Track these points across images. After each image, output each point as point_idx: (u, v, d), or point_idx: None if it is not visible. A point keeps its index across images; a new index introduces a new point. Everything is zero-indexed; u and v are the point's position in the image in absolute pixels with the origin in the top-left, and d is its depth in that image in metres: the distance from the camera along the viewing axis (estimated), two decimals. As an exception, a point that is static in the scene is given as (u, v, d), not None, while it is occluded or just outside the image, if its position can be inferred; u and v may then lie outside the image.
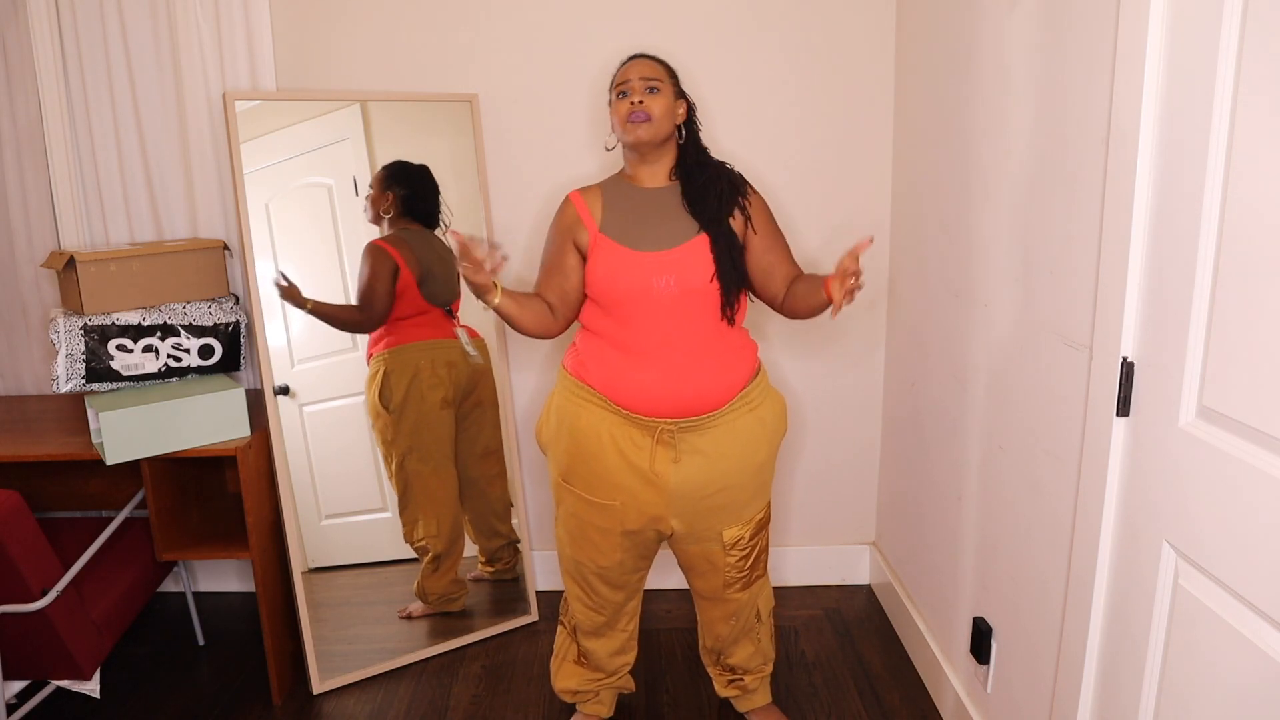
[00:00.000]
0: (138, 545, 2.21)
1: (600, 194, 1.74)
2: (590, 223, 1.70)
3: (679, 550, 1.82)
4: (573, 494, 1.74)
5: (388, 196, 2.21)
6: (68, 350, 2.01)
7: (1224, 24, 1.03)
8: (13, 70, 2.29)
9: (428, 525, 2.32)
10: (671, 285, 1.61)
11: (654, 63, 1.70)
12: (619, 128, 1.68)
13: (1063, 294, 1.44)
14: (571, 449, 1.71)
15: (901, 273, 2.34)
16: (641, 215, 1.68)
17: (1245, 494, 1.02)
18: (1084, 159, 1.36)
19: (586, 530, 1.75)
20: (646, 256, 1.63)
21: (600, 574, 1.79)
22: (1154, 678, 1.22)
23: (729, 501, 1.72)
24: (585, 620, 1.88)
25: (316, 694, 2.17)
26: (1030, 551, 1.60)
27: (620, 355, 1.65)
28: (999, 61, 1.66)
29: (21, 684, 1.95)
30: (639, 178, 1.73)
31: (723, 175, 1.72)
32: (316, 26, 2.30)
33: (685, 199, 1.68)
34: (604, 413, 1.67)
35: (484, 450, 2.41)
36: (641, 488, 1.67)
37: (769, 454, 1.75)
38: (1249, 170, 1.00)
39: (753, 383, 1.71)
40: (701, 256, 1.63)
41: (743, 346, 1.71)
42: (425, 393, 2.26)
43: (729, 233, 1.66)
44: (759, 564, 1.83)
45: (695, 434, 1.65)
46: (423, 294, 2.22)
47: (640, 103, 1.64)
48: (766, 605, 1.92)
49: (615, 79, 1.70)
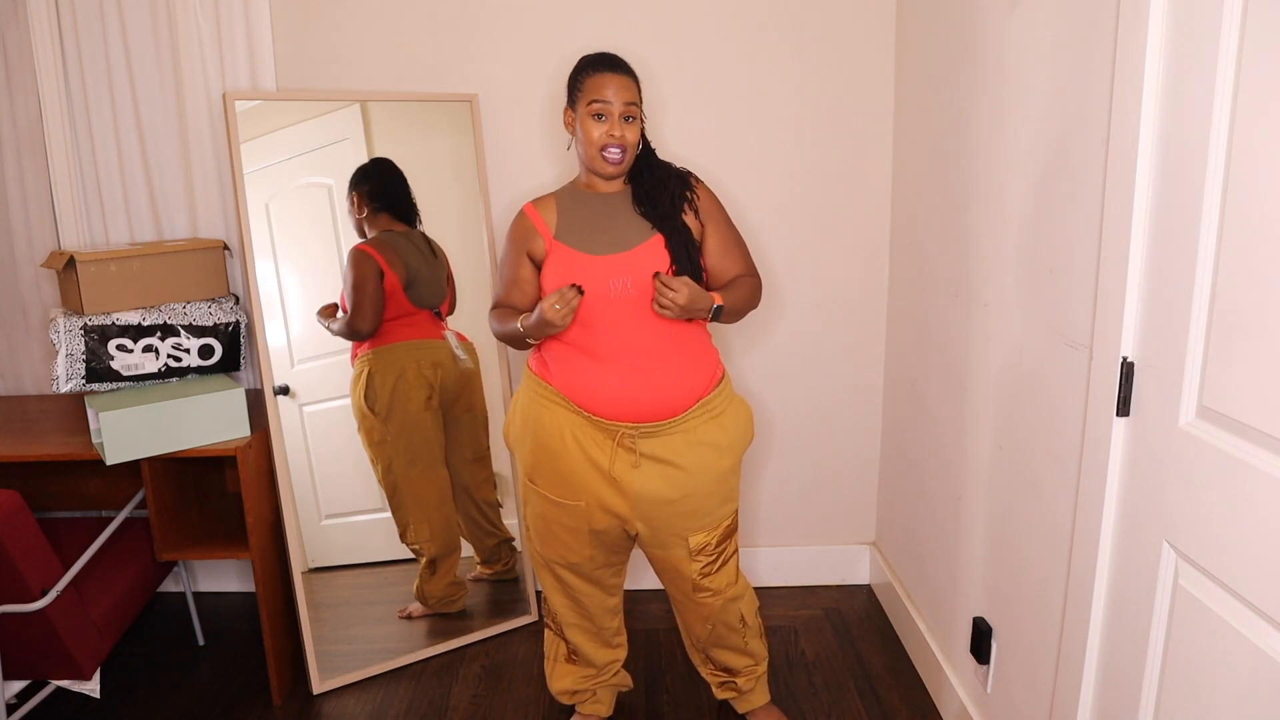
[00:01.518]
0: (138, 545, 2.21)
1: (555, 203, 1.75)
2: (545, 231, 1.71)
3: (647, 554, 1.82)
4: (538, 494, 1.74)
5: (354, 198, 2.20)
6: (68, 350, 2.01)
7: (1224, 24, 1.03)
8: (13, 70, 2.29)
9: (419, 530, 2.32)
10: (628, 287, 1.62)
11: (629, 80, 1.66)
12: (588, 153, 1.67)
13: (1063, 294, 1.44)
14: (536, 449, 1.71)
15: (901, 273, 2.34)
16: (596, 220, 1.70)
17: (1245, 494, 1.02)
18: (1084, 159, 1.36)
19: (554, 529, 1.76)
20: (602, 260, 1.65)
21: (572, 568, 1.80)
22: (1154, 678, 1.22)
23: (692, 508, 1.72)
24: (565, 612, 1.88)
25: (316, 694, 2.17)
26: (1030, 551, 1.60)
27: (582, 358, 1.66)
28: (999, 61, 1.66)
29: (21, 684, 1.95)
30: (594, 184, 1.74)
31: (671, 174, 1.74)
32: (316, 26, 2.30)
33: (636, 202, 1.70)
34: (567, 413, 1.67)
35: (474, 455, 2.40)
36: (604, 488, 1.68)
37: (732, 462, 1.75)
38: (1249, 170, 1.00)
39: (715, 390, 1.71)
40: (657, 257, 1.65)
41: (704, 353, 1.72)
42: (411, 394, 2.24)
43: (684, 231, 1.68)
44: (728, 569, 1.82)
45: (655, 439, 1.66)
46: (409, 297, 2.21)
47: (620, 136, 1.64)
48: (750, 609, 1.90)
49: (584, 85, 1.66)
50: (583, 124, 1.66)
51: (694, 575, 1.78)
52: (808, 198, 2.39)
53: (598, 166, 1.68)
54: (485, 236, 2.36)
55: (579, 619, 1.89)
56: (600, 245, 1.67)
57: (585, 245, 1.67)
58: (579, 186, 1.77)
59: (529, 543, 1.84)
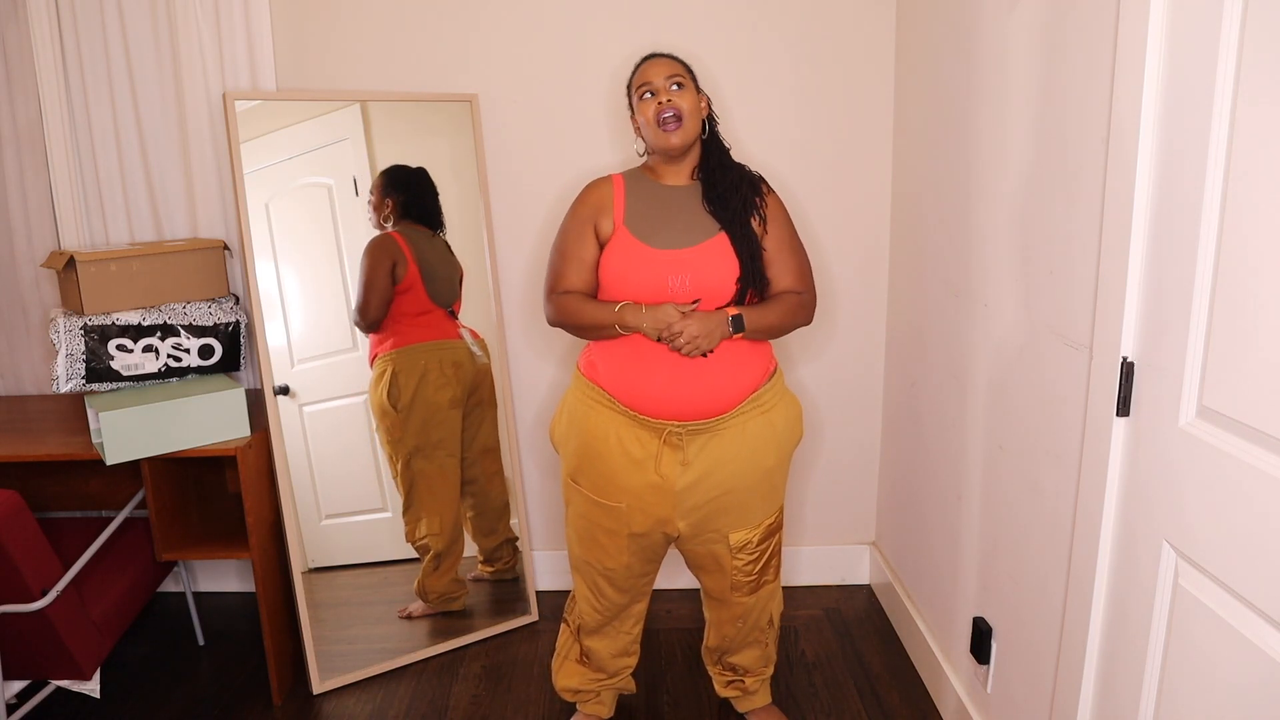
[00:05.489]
0: (138, 545, 2.21)
1: (624, 184, 1.71)
2: (620, 210, 1.67)
3: (687, 550, 1.81)
4: (581, 494, 1.74)
5: (388, 203, 2.21)
6: (68, 350, 2.01)
7: (1224, 24, 1.03)
8: (13, 70, 2.29)
9: (430, 523, 2.33)
10: (686, 284, 1.60)
11: (672, 60, 1.67)
12: (650, 132, 1.65)
13: (1063, 294, 1.44)
14: (580, 449, 1.71)
15: (901, 272, 2.34)
16: (661, 212, 1.66)
17: (1245, 494, 1.02)
18: (1084, 158, 1.36)
19: (594, 531, 1.75)
20: (663, 254, 1.61)
21: (607, 575, 1.79)
22: (1154, 678, 1.22)
23: (735, 504, 1.70)
24: (591, 619, 1.88)
25: (316, 694, 2.17)
26: (1030, 551, 1.60)
27: (631, 355, 1.64)
28: (999, 61, 1.66)
29: (21, 684, 1.95)
30: (661, 175, 1.71)
31: (745, 177, 1.71)
32: (316, 26, 2.30)
33: (707, 200, 1.67)
34: (613, 414, 1.66)
35: (483, 448, 2.41)
36: (647, 491, 1.67)
37: (779, 458, 1.73)
38: (1249, 170, 1.00)
39: (766, 385, 1.69)
40: (717, 256, 1.62)
41: (754, 348, 1.68)
42: (432, 393, 2.27)
43: (750, 234, 1.65)
44: (769, 569, 1.81)
45: (704, 436, 1.64)
46: (427, 291, 2.23)
47: (669, 101, 1.61)
48: (777, 611, 1.91)
49: (633, 81, 1.68)
50: (640, 112, 1.65)
51: (733, 573, 1.78)
52: (807, 197, 2.39)
53: (660, 141, 1.64)
54: (485, 236, 2.36)
55: (601, 627, 1.89)
56: (662, 238, 1.63)
57: (648, 236, 1.63)
58: (645, 172, 1.73)
59: (569, 545, 1.84)
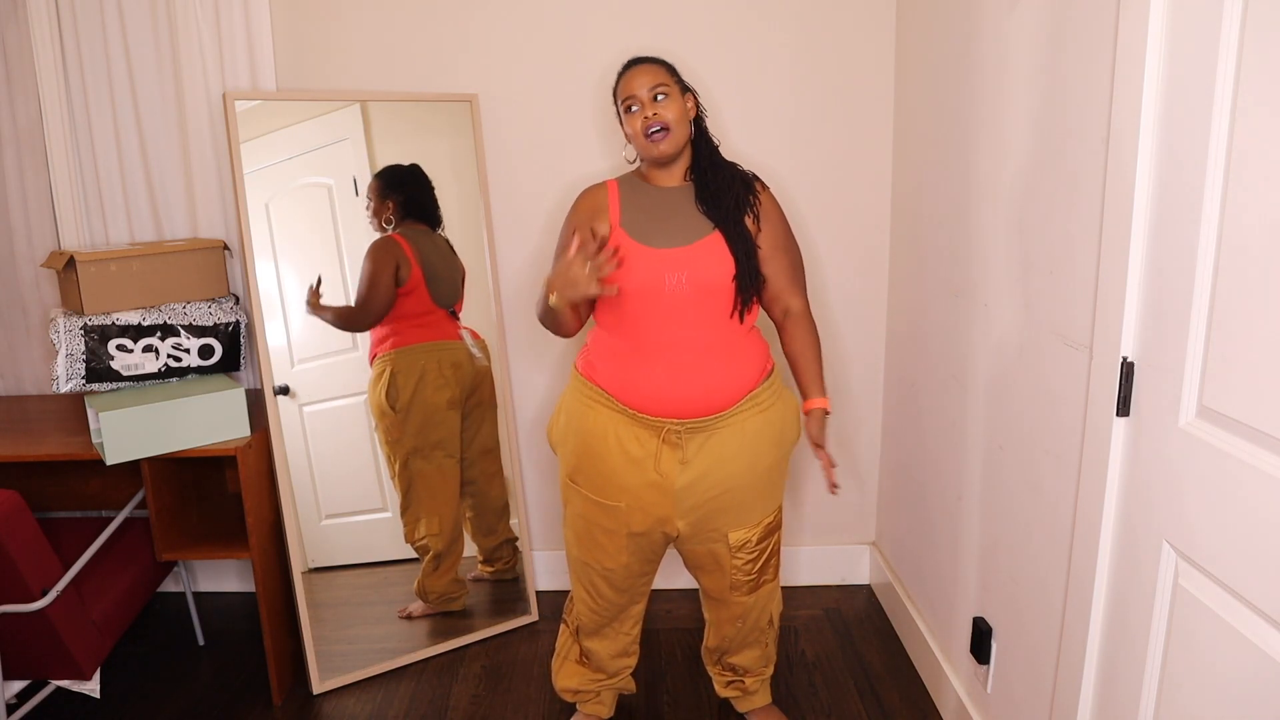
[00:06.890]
0: (138, 545, 2.21)
1: (618, 188, 1.73)
2: (616, 212, 1.69)
3: (686, 550, 1.81)
4: (579, 494, 1.74)
5: (388, 204, 2.21)
6: (68, 350, 2.01)
7: (1224, 24, 1.03)
8: (13, 70, 2.29)
9: (430, 523, 2.32)
10: (683, 282, 1.60)
11: (654, 66, 1.68)
12: (638, 144, 1.67)
13: (1063, 294, 1.44)
14: (579, 449, 1.71)
15: (901, 272, 2.34)
16: (656, 213, 1.68)
17: (1245, 494, 1.02)
18: (1084, 159, 1.36)
19: (593, 531, 1.75)
20: (659, 253, 1.62)
21: (605, 576, 1.79)
22: (1154, 677, 1.22)
23: (734, 503, 1.71)
24: (589, 620, 1.88)
25: (316, 694, 2.17)
26: (1030, 551, 1.60)
27: (629, 353, 1.65)
28: (999, 61, 1.66)
29: (21, 684, 1.95)
30: (654, 178, 1.72)
31: (736, 175, 1.72)
32: (316, 26, 2.30)
33: (699, 200, 1.68)
34: (611, 413, 1.66)
35: (482, 449, 2.41)
36: (646, 490, 1.67)
37: (778, 457, 1.74)
38: (1249, 170, 1.00)
39: (764, 384, 1.69)
40: (713, 254, 1.63)
41: (753, 346, 1.70)
42: (431, 394, 2.27)
43: (744, 231, 1.66)
44: (768, 569, 1.81)
45: (702, 435, 1.65)
46: (430, 292, 2.23)
47: (654, 114, 1.63)
48: (777, 611, 1.91)
49: (618, 92, 1.68)
50: (627, 125, 1.67)
51: (732, 573, 1.78)
52: (807, 198, 2.39)
53: (649, 152, 1.66)
54: (485, 236, 2.36)
55: (600, 628, 1.89)
56: (659, 238, 1.64)
57: (644, 236, 1.65)
58: (638, 176, 1.75)
59: (567, 546, 1.84)
